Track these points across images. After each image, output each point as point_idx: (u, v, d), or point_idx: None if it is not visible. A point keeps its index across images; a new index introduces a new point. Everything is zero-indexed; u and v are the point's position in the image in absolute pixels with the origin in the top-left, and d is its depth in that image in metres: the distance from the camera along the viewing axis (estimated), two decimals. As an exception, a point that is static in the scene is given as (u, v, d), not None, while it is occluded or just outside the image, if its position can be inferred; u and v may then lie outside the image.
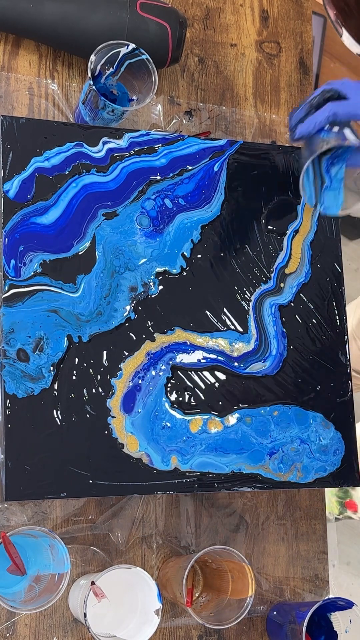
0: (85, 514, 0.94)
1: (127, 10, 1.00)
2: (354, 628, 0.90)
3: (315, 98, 0.90)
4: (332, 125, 0.89)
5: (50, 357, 0.88)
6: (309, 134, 0.89)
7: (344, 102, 0.87)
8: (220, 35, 1.16)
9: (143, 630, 0.83)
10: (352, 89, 0.88)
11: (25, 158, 0.92)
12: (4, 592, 0.81)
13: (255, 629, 0.98)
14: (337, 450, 0.98)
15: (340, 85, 0.89)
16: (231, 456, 0.93)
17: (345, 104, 0.87)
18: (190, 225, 0.97)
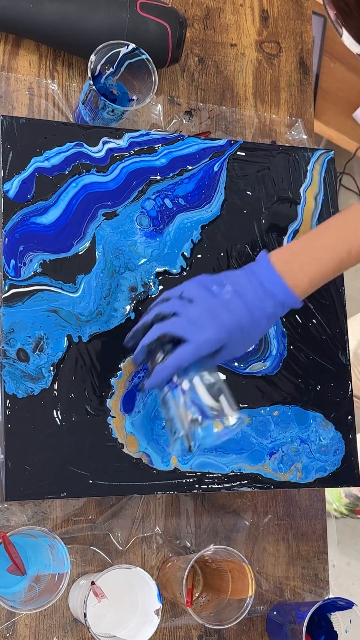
0: (85, 514, 0.94)
1: (127, 10, 1.00)
2: (354, 628, 0.90)
3: (148, 339, 0.83)
4: (179, 376, 0.82)
5: (50, 357, 0.88)
6: (158, 386, 0.83)
7: (184, 347, 0.80)
8: (220, 35, 1.16)
9: (143, 630, 0.83)
10: (188, 328, 0.80)
11: (25, 158, 0.92)
12: (4, 592, 0.81)
13: (255, 629, 0.98)
14: (337, 450, 0.98)
15: (176, 326, 0.81)
16: (231, 456, 0.93)
17: (185, 350, 0.80)
18: (191, 225, 0.97)
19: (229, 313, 0.81)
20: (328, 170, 1.05)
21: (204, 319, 0.80)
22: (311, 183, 1.04)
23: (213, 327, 0.80)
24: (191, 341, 0.80)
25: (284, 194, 1.03)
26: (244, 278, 0.83)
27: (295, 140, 1.15)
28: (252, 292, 0.82)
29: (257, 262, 0.84)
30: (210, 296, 0.82)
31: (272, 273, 0.83)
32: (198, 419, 0.79)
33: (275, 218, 1.01)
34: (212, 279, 0.84)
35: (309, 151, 1.05)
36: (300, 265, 0.83)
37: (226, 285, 0.83)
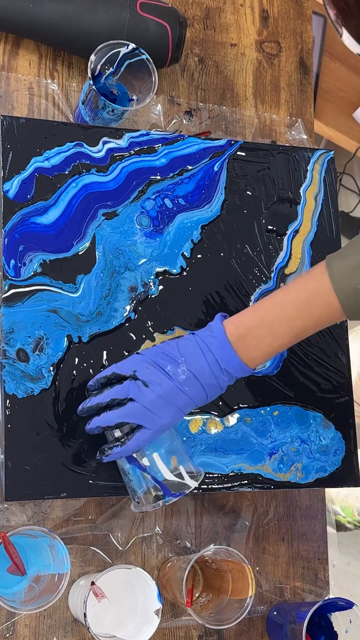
0: (85, 514, 0.94)
1: (127, 10, 1.00)
2: (354, 628, 0.90)
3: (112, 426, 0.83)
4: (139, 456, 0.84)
5: (50, 357, 0.88)
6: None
7: (143, 433, 0.81)
8: (220, 35, 1.16)
9: (143, 630, 0.83)
10: (146, 416, 0.80)
11: (25, 158, 0.92)
12: (4, 592, 0.81)
13: (256, 629, 0.98)
14: (338, 450, 0.98)
15: (134, 416, 0.81)
16: (231, 456, 0.93)
17: (144, 436, 0.81)
18: (191, 225, 0.97)
19: (185, 396, 0.81)
20: (328, 170, 1.05)
21: (161, 406, 0.81)
22: (311, 183, 1.04)
23: (170, 412, 0.81)
24: (149, 428, 0.81)
25: (284, 194, 1.03)
26: (199, 355, 0.81)
27: (295, 140, 1.15)
28: (209, 371, 0.81)
29: (213, 335, 0.82)
30: (166, 378, 0.81)
31: (228, 350, 0.81)
32: (162, 497, 0.83)
33: (275, 218, 1.01)
34: (166, 357, 0.82)
35: (309, 151, 1.05)
36: (256, 340, 0.82)
37: (181, 364, 0.81)
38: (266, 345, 0.82)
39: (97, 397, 0.84)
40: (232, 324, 0.83)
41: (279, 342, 0.83)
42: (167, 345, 0.83)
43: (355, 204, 2.30)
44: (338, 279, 0.80)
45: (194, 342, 0.83)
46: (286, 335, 0.82)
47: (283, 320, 0.82)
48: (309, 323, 0.82)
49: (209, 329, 0.83)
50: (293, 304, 0.82)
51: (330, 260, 0.81)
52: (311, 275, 0.82)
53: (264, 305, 0.83)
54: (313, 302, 0.81)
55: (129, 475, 0.85)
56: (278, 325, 0.82)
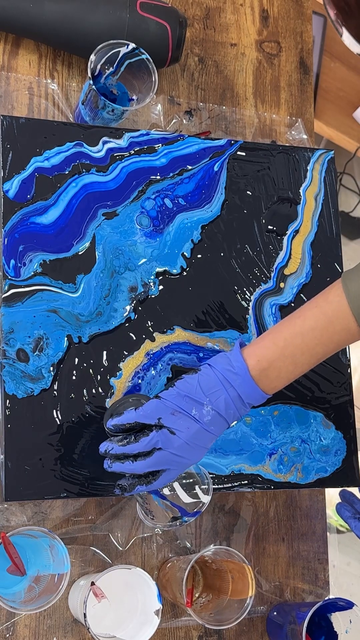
0: (85, 514, 0.94)
1: (127, 10, 1.00)
2: (354, 628, 0.90)
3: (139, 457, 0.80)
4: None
5: (50, 357, 0.88)
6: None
7: (170, 473, 0.80)
8: (220, 35, 1.16)
9: (143, 630, 0.83)
10: (174, 461, 0.79)
11: (25, 158, 0.92)
12: (4, 593, 0.81)
13: (256, 630, 0.98)
14: (339, 450, 0.98)
15: (163, 464, 0.79)
16: (231, 457, 0.93)
17: (171, 476, 0.80)
18: (191, 225, 0.97)
19: (210, 434, 0.81)
20: (328, 170, 1.05)
21: (189, 449, 0.80)
22: (311, 183, 1.04)
23: (197, 453, 0.81)
24: (176, 469, 0.80)
25: (284, 193, 1.02)
26: (222, 393, 0.80)
27: (295, 140, 1.15)
28: (233, 407, 0.81)
29: (235, 372, 0.81)
30: (192, 423, 0.79)
31: (251, 386, 0.80)
32: (179, 518, 0.84)
33: (275, 218, 1.01)
34: (189, 400, 0.80)
35: (309, 151, 1.05)
36: (277, 372, 0.81)
37: (206, 405, 0.80)
38: (288, 373, 0.82)
39: (123, 447, 0.80)
40: (254, 358, 0.81)
41: (300, 370, 0.83)
42: (188, 385, 0.81)
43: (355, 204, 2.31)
44: (356, 302, 0.79)
45: (215, 379, 0.81)
46: (307, 362, 0.83)
47: (304, 349, 0.81)
48: (329, 348, 0.82)
49: (228, 363, 0.81)
50: (313, 332, 0.81)
51: (346, 281, 0.81)
52: (327, 299, 0.82)
53: (283, 335, 0.82)
54: (332, 328, 0.81)
55: (143, 499, 0.86)
56: (299, 355, 0.82)
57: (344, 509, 0.92)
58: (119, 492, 0.82)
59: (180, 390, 0.81)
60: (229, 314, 0.96)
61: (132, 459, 0.80)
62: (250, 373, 0.81)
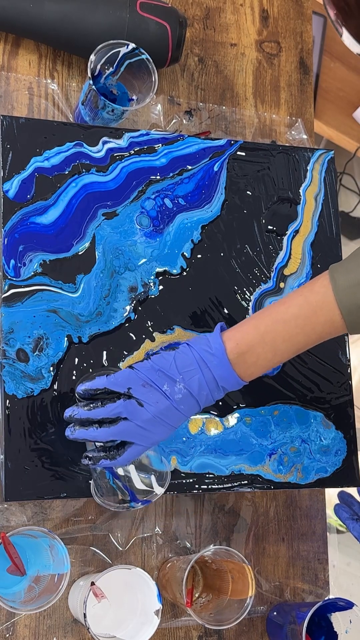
0: (85, 514, 0.94)
1: (127, 10, 1.00)
2: (354, 628, 0.90)
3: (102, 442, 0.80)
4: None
5: (50, 357, 0.88)
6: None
7: (134, 449, 0.79)
8: (220, 35, 1.16)
9: (143, 630, 0.83)
10: (139, 434, 0.78)
11: (25, 158, 0.92)
12: (4, 593, 0.81)
13: (255, 630, 0.98)
14: (339, 450, 0.98)
15: (127, 435, 0.79)
16: (231, 457, 0.93)
17: (134, 452, 0.80)
18: (191, 225, 0.97)
19: (180, 413, 0.80)
20: (328, 170, 1.05)
21: (155, 424, 0.79)
22: (311, 183, 1.04)
23: (165, 430, 0.80)
24: (142, 444, 0.80)
25: (284, 193, 1.02)
26: (197, 373, 0.79)
27: (295, 140, 1.15)
28: (206, 388, 0.79)
29: (212, 353, 0.79)
30: (162, 398, 0.78)
31: (227, 369, 0.79)
32: (128, 501, 0.83)
33: (275, 218, 1.01)
34: (162, 374, 0.79)
35: (309, 151, 1.05)
36: (256, 357, 0.80)
37: (178, 382, 0.79)
38: (266, 360, 0.81)
39: (88, 412, 0.80)
40: (233, 341, 0.80)
41: (279, 358, 0.81)
42: (163, 360, 0.80)
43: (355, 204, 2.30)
44: (342, 294, 0.78)
45: (191, 358, 0.80)
46: (287, 351, 0.81)
47: (285, 336, 0.80)
48: (310, 339, 0.81)
49: (207, 344, 0.80)
50: (295, 320, 0.80)
51: (334, 273, 0.79)
52: (313, 289, 0.80)
53: (265, 321, 0.81)
54: (316, 318, 0.79)
55: (98, 474, 0.85)
56: (280, 342, 0.80)
57: (342, 510, 0.92)
58: (86, 462, 0.81)
59: (154, 364, 0.80)
60: (229, 314, 0.96)
61: (96, 426, 0.79)
62: (227, 356, 0.79)
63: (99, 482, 0.85)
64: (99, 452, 0.81)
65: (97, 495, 0.85)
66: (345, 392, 1.00)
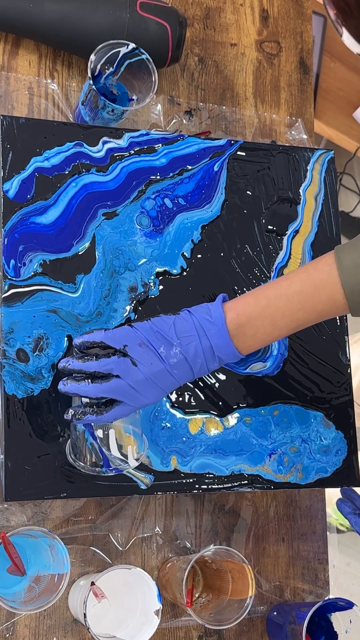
0: (85, 514, 0.94)
1: (127, 10, 1.00)
2: (354, 628, 0.90)
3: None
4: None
5: (50, 357, 0.88)
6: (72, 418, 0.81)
7: (122, 408, 0.79)
8: (220, 35, 1.16)
9: (143, 630, 0.83)
10: (129, 394, 0.78)
11: (25, 158, 0.92)
12: (4, 593, 0.81)
13: (255, 630, 0.98)
14: (340, 450, 0.98)
15: (117, 393, 0.78)
16: (231, 458, 0.93)
17: (121, 411, 0.79)
18: (191, 225, 0.97)
19: (173, 378, 0.79)
20: (328, 170, 1.05)
21: (147, 386, 0.78)
22: (311, 183, 1.04)
23: (155, 392, 0.79)
24: (130, 405, 0.79)
25: (284, 193, 1.02)
26: (194, 340, 0.79)
27: (295, 140, 1.15)
28: (202, 356, 0.79)
29: (211, 321, 0.79)
30: (157, 360, 0.78)
31: (225, 339, 0.79)
32: (99, 466, 0.83)
33: (275, 218, 1.01)
34: (161, 337, 0.79)
35: (309, 151, 1.05)
36: (254, 330, 0.80)
37: (175, 346, 0.78)
38: (265, 334, 0.81)
39: (81, 364, 0.79)
40: (233, 311, 0.80)
41: (277, 333, 0.81)
42: (163, 323, 0.79)
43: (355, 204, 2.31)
44: (347, 274, 0.78)
45: (190, 324, 0.80)
46: (286, 327, 0.81)
47: (285, 312, 0.80)
48: (310, 316, 0.81)
49: (207, 312, 0.80)
50: (297, 296, 0.80)
51: (339, 253, 0.79)
52: (318, 267, 0.80)
53: (266, 294, 0.81)
54: (318, 296, 0.79)
55: (77, 433, 0.84)
56: (279, 317, 0.80)
57: (344, 505, 0.92)
58: (69, 417, 0.81)
59: (153, 325, 0.80)
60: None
61: (88, 381, 0.79)
62: (227, 326, 0.79)
63: (76, 442, 0.84)
64: (85, 408, 0.80)
65: (70, 455, 0.84)
66: (345, 392, 1.00)
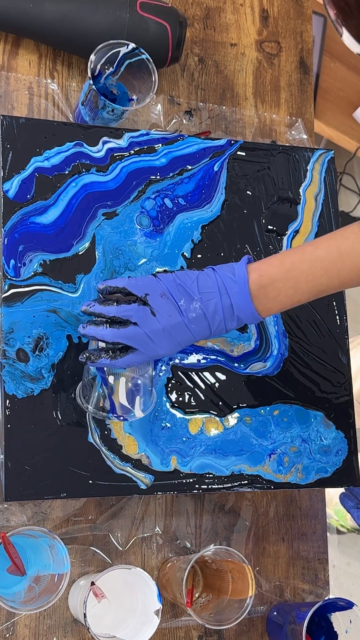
0: (85, 514, 0.94)
1: (127, 9, 1.00)
2: (354, 628, 0.90)
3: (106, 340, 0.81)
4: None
5: (50, 357, 0.88)
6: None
7: (136, 356, 0.80)
8: (220, 35, 1.16)
9: (143, 630, 0.83)
10: (145, 342, 0.79)
11: (25, 158, 0.92)
12: (4, 593, 0.81)
13: (255, 630, 0.98)
14: (340, 450, 0.98)
15: (134, 340, 0.79)
16: (231, 458, 0.93)
17: (135, 359, 0.80)
18: (191, 225, 0.97)
19: (190, 333, 0.80)
20: (328, 170, 1.05)
21: (163, 337, 0.79)
22: (311, 183, 1.04)
23: (170, 346, 0.80)
24: (144, 354, 0.80)
25: (284, 193, 1.02)
26: (215, 296, 0.79)
27: (295, 140, 1.15)
28: (220, 314, 0.80)
29: (234, 280, 0.80)
30: (176, 313, 0.79)
31: (246, 298, 0.79)
32: (106, 411, 0.84)
33: (275, 218, 1.01)
34: (183, 290, 0.80)
35: (309, 151, 1.05)
36: (276, 292, 0.80)
37: (196, 301, 0.79)
38: (286, 298, 0.81)
39: (102, 307, 0.80)
40: (257, 272, 0.81)
41: (298, 297, 0.82)
42: (186, 277, 0.80)
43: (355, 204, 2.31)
44: None
45: (213, 281, 0.80)
46: (308, 291, 0.81)
47: (309, 276, 0.80)
48: (333, 283, 0.81)
49: (231, 271, 0.81)
50: (321, 262, 0.80)
51: None
52: (344, 235, 0.81)
53: (291, 257, 0.81)
54: (342, 264, 0.80)
55: (90, 375, 0.85)
56: (302, 281, 0.80)
57: (347, 499, 0.93)
58: (83, 360, 0.82)
59: (177, 278, 0.81)
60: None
61: (106, 325, 0.80)
62: (249, 285, 0.80)
63: (87, 385, 0.85)
64: (101, 351, 0.81)
65: (80, 397, 0.85)
66: (345, 392, 1.00)
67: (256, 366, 0.96)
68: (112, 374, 0.84)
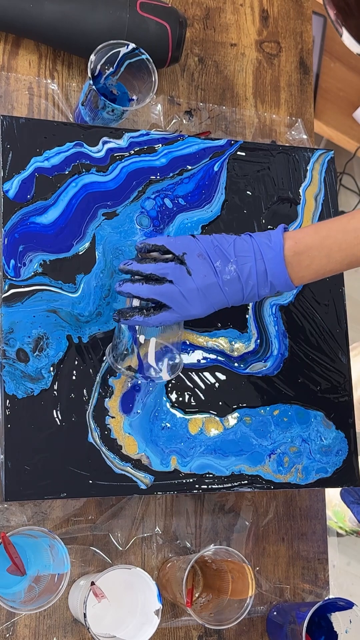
0: (85, 514, 0.94)
1: (127, 10, 1.00)
2: (354, 628, 0.90)
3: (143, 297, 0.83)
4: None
5: (50, 357, 0.88)
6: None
7: (169, 314, 0.82)
8: (220, 35, 1.16)
9: (143, 630, 0.83)
10: (179, 301, 0.81)
11: (25, 158, 0.92)
12: (4, 593, 0.81)
13: (255, 629, 0.98)
14: (341, 450, 0.98)
15: (168, 298, 0.81)
16: (231, 458, 0.93)
17: (168, 317, 0.82)
18: (191, 225, 0.97)
19: (223, 295, 0.82)
20: (328, 170, 1.05)
21: (197, 297, 0.81)
22: (311, 183, 1.04)
23: (203, 306, 0.82)
24: (177, 313, 0.82)
25: (284, 193, 1.03)
26: (251, 261, 0.81)
27: (295, 140, 1.15)
28: (254, 279, 0.81)
29: (270, 246, 0.82)
30: (212, 273, 0.81)
31: (280, 265, 0.81)
32: (134, 371, 0.85)
33: (275, 218, 1.01)
34: (220, 251, 0.82)
35: (309, 151, 1.05)
36: (310, 260, 0.82)
37: (231, 263, 0.81)
38: (319, 266, 0.82)
39: (140, 265, 0.83)
40: (292, 239, 0.82)
41: (331, 267, 0.83)
42: (224, 240, 0.83)
43: (355, 204, 2.30)
44: None
45: (250, 246, 0.82)
46: (340, 261, 0.83)
47: (342, 245, 0.82)
48: None
49: (267, 237, 0.83)
50: (355, 232, 0.81)
51: None
52: None
53: (327, 227, 0.83)
54: None
55: (123, 336, 0.86)
56: (336, 250, 0.82)
57: (347, 494, 0.93)
58: (117, 317, 0.84)
59: (214, 239, 0.83)
60: (229, 314, 0.96)
61: (143, 282, 0.82)
62: (284, 252, 0.81)
63: (118, 344, 0.86)
64: (134, 310, 0.83)
65: (110, 356, 0.86)
66: (345, 392, 1.00)
67: (256, 366, 0.96)
68: (143, 333, 0.85)
